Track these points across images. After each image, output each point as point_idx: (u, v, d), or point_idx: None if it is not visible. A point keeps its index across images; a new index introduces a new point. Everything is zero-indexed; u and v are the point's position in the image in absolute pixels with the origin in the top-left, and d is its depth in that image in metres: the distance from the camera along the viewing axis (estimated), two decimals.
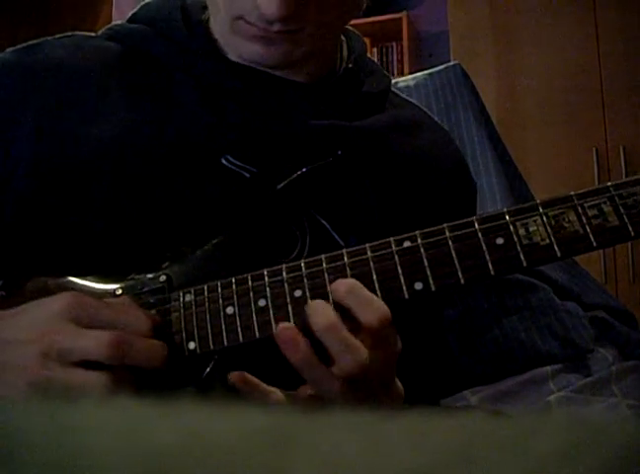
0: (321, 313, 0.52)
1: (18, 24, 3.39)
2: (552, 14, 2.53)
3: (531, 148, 2.46)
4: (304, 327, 0.53)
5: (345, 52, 0.76)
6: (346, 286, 0.53)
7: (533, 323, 1.02)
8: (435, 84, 1.28)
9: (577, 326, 1.03)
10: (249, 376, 0.54)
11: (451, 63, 1.34)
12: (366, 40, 3.09)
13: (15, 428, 0.17)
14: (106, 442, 0.16)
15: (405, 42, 2.96)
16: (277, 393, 0.54)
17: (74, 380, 0.50)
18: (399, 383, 0.58)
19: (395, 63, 3.03)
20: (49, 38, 0.72)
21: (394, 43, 3.02)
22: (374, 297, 0.53)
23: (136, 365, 0.52)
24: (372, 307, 0.52)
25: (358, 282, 0.53)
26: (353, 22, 0.72)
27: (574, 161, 2.39)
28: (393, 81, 0.87)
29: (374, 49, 3.03)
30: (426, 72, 1.31)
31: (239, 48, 0.66)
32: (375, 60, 0.84)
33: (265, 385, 0.54)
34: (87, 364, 0.51)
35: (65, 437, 0.16)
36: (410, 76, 1.34)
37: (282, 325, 0.52)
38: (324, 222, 0.66)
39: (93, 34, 0.75)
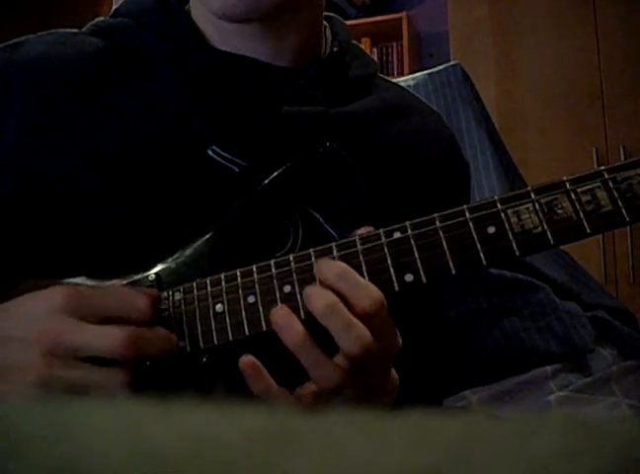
0: (320, 295, 0.51)
1: (18, 24, 3.39)
2: (552, 14, 2.53)
3: (531, 148, 2.46)
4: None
5: (329, 37, 0.76)
6: (336, 271, 0.52)
7: (533, 323, 1.02)
8: (435, 84, 1.28)
9: (577, 326, 1.03)
10: (259, 364, 0.52)
11: (451, 63, 1.33)
12: (366, 40, 3.09)
13: (15, 428, 0.17)
14: (106, 443, 0.16)
15: (405, 42, 2.96)
16: (282, 389, 0.53)
17: (87, 378, 0.50)
18: (395, 375, 0.57)
19: (395, 63, 3.03)
20: (32, 35, 0.72)
21: (394, 43, 3.02)
22: (366, 282, 0.52)
23: (152, 357, 0.52)
24: (365, 291, 0.51)
25: (348, 267, 0.52)
26: (353, 22, 0.72)
27: (574, 161, 2.39)
28: (393, 81, 0.87)
29: (374, 49, 3.02)
30: (426, 72, 1.31)
31: (209, 2, 0.64)
32: (375, 60, 0.83)
33: (272, 379, 0.52)
34: (91, 360, 0.50)
35: (66, 438, 0.16)
36: (410, 76, 1.34)
37: (275, 309, 0.52)
38: (316, 214, 0.65)
39: (76, 30, 0.74)
